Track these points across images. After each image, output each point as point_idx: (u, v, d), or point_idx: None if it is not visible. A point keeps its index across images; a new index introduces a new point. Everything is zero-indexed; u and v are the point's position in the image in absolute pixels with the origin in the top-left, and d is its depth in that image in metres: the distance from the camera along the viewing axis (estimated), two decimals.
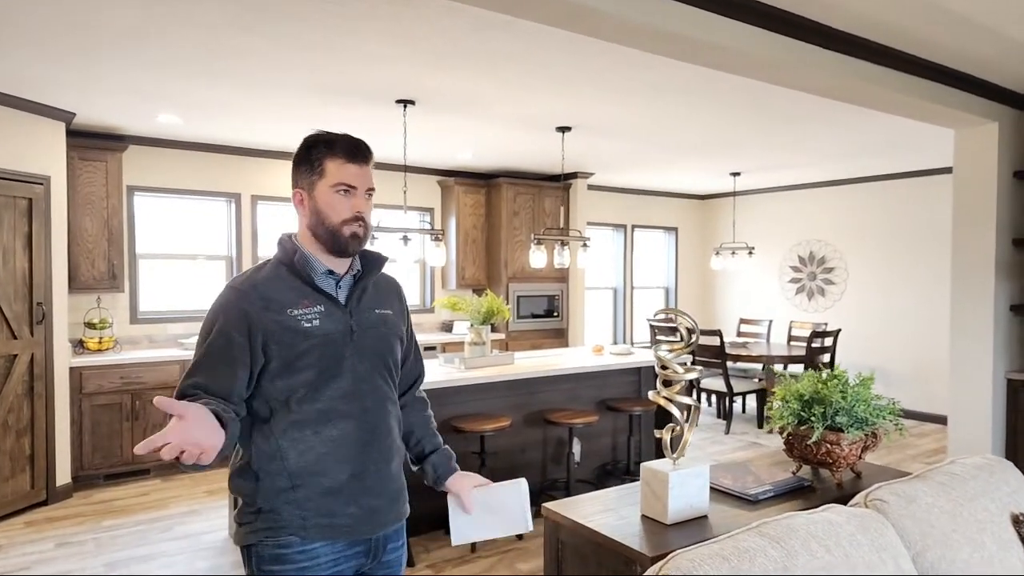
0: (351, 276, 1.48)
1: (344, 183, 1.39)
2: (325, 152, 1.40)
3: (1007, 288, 3.85)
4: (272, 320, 1.34)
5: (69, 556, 3.38)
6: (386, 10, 2.64)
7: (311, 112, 4.28)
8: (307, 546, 1.34)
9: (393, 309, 1.53)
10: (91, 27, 2.83)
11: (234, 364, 1.32)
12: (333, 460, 1.36)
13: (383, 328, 1.48)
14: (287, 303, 1.36)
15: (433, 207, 6.56)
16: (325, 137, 1.42)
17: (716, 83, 3.56)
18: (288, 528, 1.33)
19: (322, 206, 1.40)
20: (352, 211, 1.40)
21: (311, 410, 1.35)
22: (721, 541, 1.33)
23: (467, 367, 3.95)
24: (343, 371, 1.39)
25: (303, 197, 1.42)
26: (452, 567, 3.24)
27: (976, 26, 2.74)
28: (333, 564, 1.37)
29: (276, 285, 1.38)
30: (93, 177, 4.64)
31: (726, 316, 8.29)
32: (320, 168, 1.40)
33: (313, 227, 1.42)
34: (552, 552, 1.89)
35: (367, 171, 1.43)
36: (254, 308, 1.34)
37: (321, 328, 1.37)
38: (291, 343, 1.34)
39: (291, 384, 1.35)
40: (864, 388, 2.08)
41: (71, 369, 4.33)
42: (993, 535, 1.64)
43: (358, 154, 1.42)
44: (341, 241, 1.41)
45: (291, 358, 1.34)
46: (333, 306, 1.41)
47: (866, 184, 6.95)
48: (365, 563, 1.43)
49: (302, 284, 1.40)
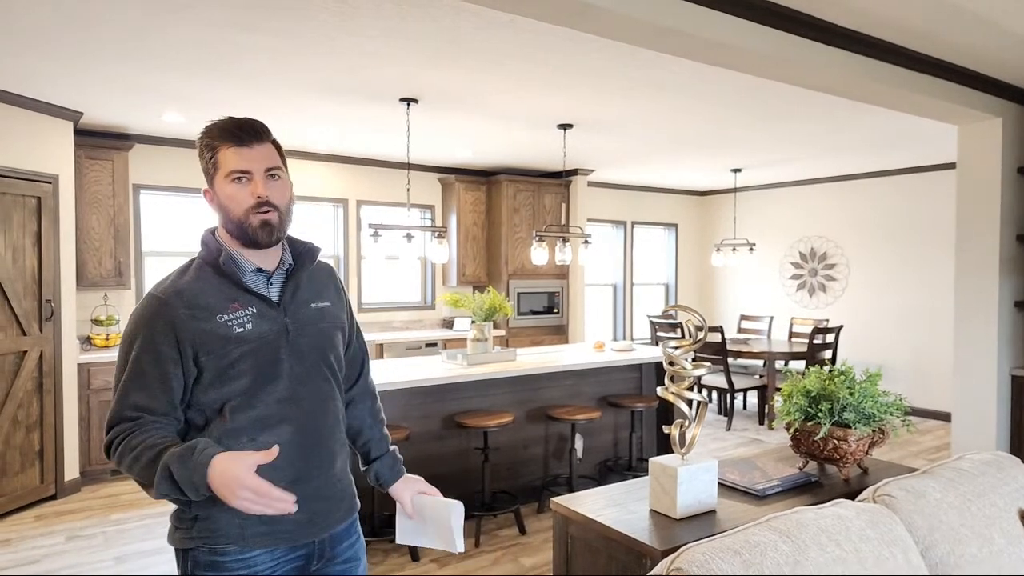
0: (283, 271, 1.39)
1: (236, 170, 1.30)
2: (212, 143, 1.32)
3: (1011, 284, 3.86)
4: (200, 329, 1.26)
5: (79, 550, 3.41)
6: (390, 9, 2.65)
7: (315, 110, 4.29)
8: (245, 554, 1.28)
9: (331, 300, 1.45)
10: (98, 27, 2.84)
11: (167, 380, 1.24)
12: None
13: (322, 323, 1.40)
14: (215, 309, 1.28)
15: (434, 204, 6.57)
16: (209, 129, 1.33)
17: (717, 79, 3.57)
18: (226, 536, 1.27)
19: (223, 200, 1.32)
20: (253, 197, 1.30)
21: (246, 417, 1.28)
22: (732, 535, 1.35)
23: (469, 363, 3.97)
24: (279, 374, 1.31)
25: (211, 195, 1.35)
26: (456, 561, 3.26)
27: (979, 21, 2.75)
28: (271, 570, 1.31)
29: (202, 289, 1.29)
30: (100, 176, 4.65)
31: (727, 312, 8.31)
32: (214, 160, 1.32)
33: (224, 223, 1.35)
34: (561, 546, 1.91)
35: (261, 151, 1.33)
36: (180, 317, 1.25)
37: (254, 332, 1.29)
38: (223, 352, 1.26)
39: (225, 393, 1.27)
40: (871, 384, 2.10)
41: (79, 365, 4.36)
42: (1002, 530, 1.66)
43: (244, 136, 1.32)
44: (250, 232, 1.31)
45: (224, 367, 1.26)
46: (265, 306, 1.33)
47: (868, 180, 6.96)
48: (309, 565, 1.38)
49: (230, 285, 1.31)
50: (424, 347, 5.87)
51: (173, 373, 1.25)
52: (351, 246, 6.05)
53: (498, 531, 3.64)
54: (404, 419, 3.61)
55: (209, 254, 1.34)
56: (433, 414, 3.74)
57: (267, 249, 1.36)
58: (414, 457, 3.64)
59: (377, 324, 6.17)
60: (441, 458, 3.77)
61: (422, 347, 5.86)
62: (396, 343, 5.74)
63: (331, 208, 6.01)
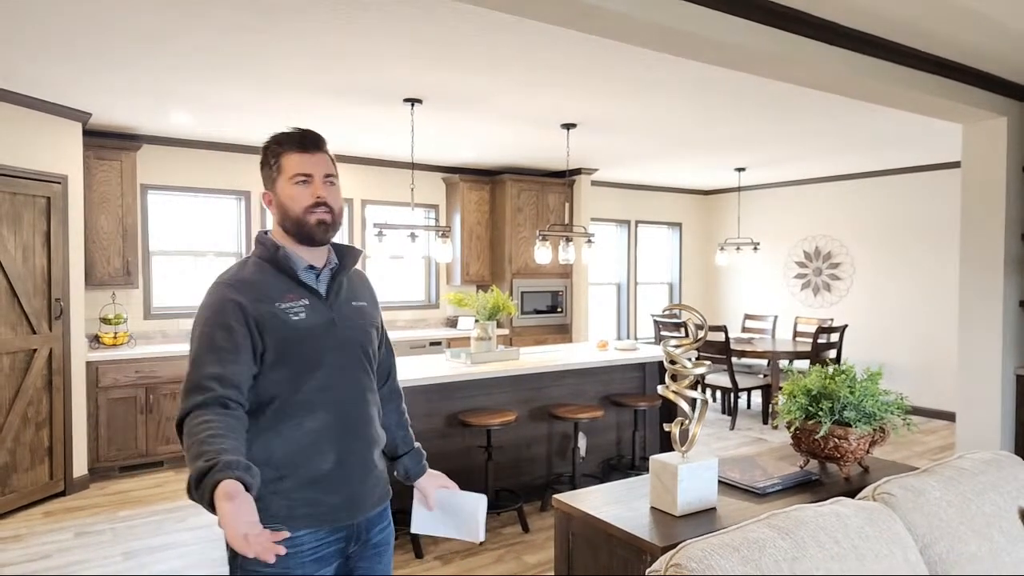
0: (329, 270, 1.52)
1: (300, 173, 1.45)
2: (278, 150, 1.47)
3: (1016, 283, 3.85)
4: (264, 311, 1.39)
5: (87, 546, 3.45)
6: (395, 11, 2.67)
7: (321, 111, 4.32)
8: (291, 533, 1.36)
9: (367, 301, 1.59)
10: (107, 30, 2.88)
11: (239, 352, 1.35)
12: (315, 451, 1.40)
13: (360, 320, 1.53)
14: (274, 297, 1.41)
15: (438, 204, 6.59)
16: (277, 137, 1.49)
17: (721, 79, 3.58)
18: (275, 517, 1.36)
19: (284, 199, 1.46)
20: (313, 198, 1.45)
21: (292, 402, 1.40)
22: (731, 532, 1.36)
23: (473, 362, 3.99)
24: (322, 364, 1.43)
25: (270, 197, 1.50)
26: (460, 559, 3.29)
27: (984, 20, 2.75)
28: (314, 551, 1.41)
29: (262, 280, 1.43)
30: (108, 176, 4.70)
31: (731, 312, 8.30)
32: (277, 165, 1.47)
33: (282, 222, 1.48)
34: (563, 542, 1.93)
35: (321, 158, 1.48)
36: (247, 300, 1.38)
37: (306, 322, 1.42)
38: (281, 335, 1.39)
39: (275, 378, 1.39)
40: (872, 383, 2.10)
41: (87, 363, 4.41)
42: (1001, 529, 1.66)
43: (308, 144, 1.47)
44: (308, 228, 1.45)
45: (281, 349, 1.39)
46: (316, 300, 1.46)
47: (872, 179, 6.94)
48: (348, 547, 1.48)
49: (286, 279, 1.45)
50: (428, 346, 5.90)
51: (243, 344, 1.36)
52: (356, 245, 6.09)
53: (501, 529, 3.67)
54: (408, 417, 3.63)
55: (266, 251, 1.48)
56: (437, 412, 3.76)
57: (317, 249, 1.50)
58: None
59: None
60: (445, 456, 3.79)
61: (426, 346, 5.89)
62: (400, 342, 5.77)
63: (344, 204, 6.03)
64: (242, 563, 1.37)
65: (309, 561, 1.40)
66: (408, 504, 1.68)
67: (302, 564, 1.39)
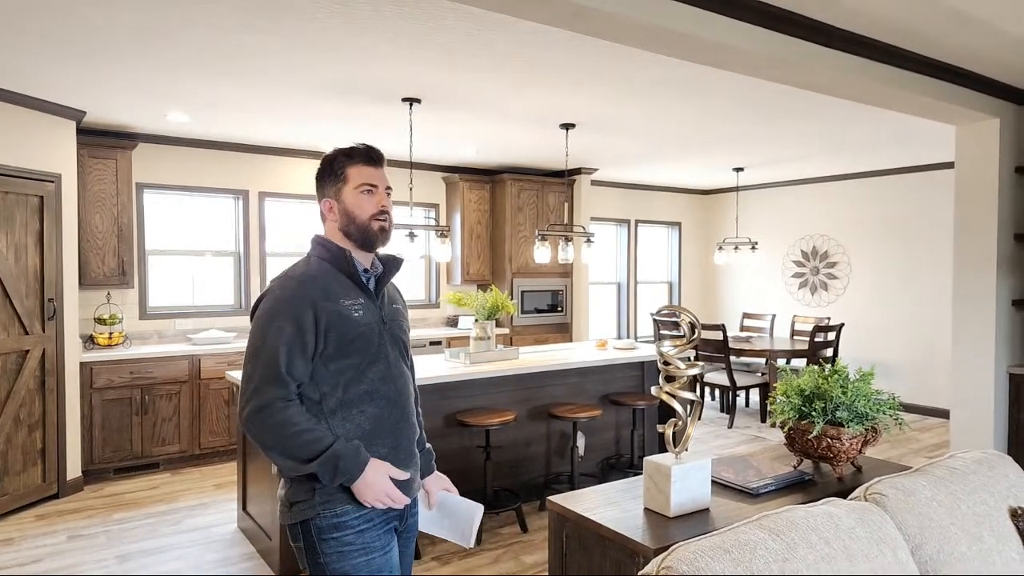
0: (374, 275, 1.67)
1: (367, 183, 1.60)
2: (346, 161, 1.61)
3: (1009, 283, 3.86)
4: (331, 308, 1.52)
5: (81, 549, 3.44)
6: (392, 10, 2.67)
7: (319, 110, 4.31)
8: (362, 510, 1.51)
9: (400, 304, 1.76)
10: (102, 27, 2.87)
11: (307, 348, 1.49)
12: (376, 435, 1.55)
13: (400, 320, 1.70)
14: (338, 294, 1.55)
15: (438, 203, 6.59)
16: (344, 151, 1.63)
17: (719, 80, 3.58)
18: (344, 499, 1.49)
19: (351, 207, 1.60)
20: (377, 206, 1.60)
21: (357, 391, 1.54)
22: (722, 533, 1.36)
23: (472, 362, 3.99)
24: (381, 356, 1.58)
25: (332, 204, 1.62)
26: (458, 559, 3.29)
27: (976, 22, 2.76)
28: (383, 524, 1.55)
29: (328, 279, 1.57)
30: (103, 175, 4.69)
31: (729, 310, 8.31)
32: (344, 175, 1.60)
33: (345, 227, 1.60)
34: (557, 544, 1.93)
35: (383, 173, 1.64)
36: (316, 297, 1.51)
37: (364, 318, 1.56)
38: (345, 330, 1.52)
39: (342, 367, 1.52)
40: (864, 383, 2.11)
41: (81, 364, 4.39)
42: (991, 529, 1.67)
43: (374, 158, 1.63)
44: (371, 234, 1.60)
45: (344, 343, 1.52)
46: (369, 300, 1.61)
47: (868, 179, 6.95)
48: (400, 523, 1.63)
49: (347, 279, 1.59)
50: (428, 345, 5.90)
51: (309, 341, 1.49)
52: None
53: (500, 529, 3.67)
54: None
55: (329, 253, 1.61)
56: (436, 412, 3.76)
57: (367, 254, 1.64)
58: None
59: None
60: (443, 456, 3.77)
61: (426, 345, 5.89)
62: None
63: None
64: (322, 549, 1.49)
65: (383, 532, 1.55)
66: None
67: (379, 536, 1.53)
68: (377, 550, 1.50)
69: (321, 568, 1.49)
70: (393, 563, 1.55)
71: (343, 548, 1.48)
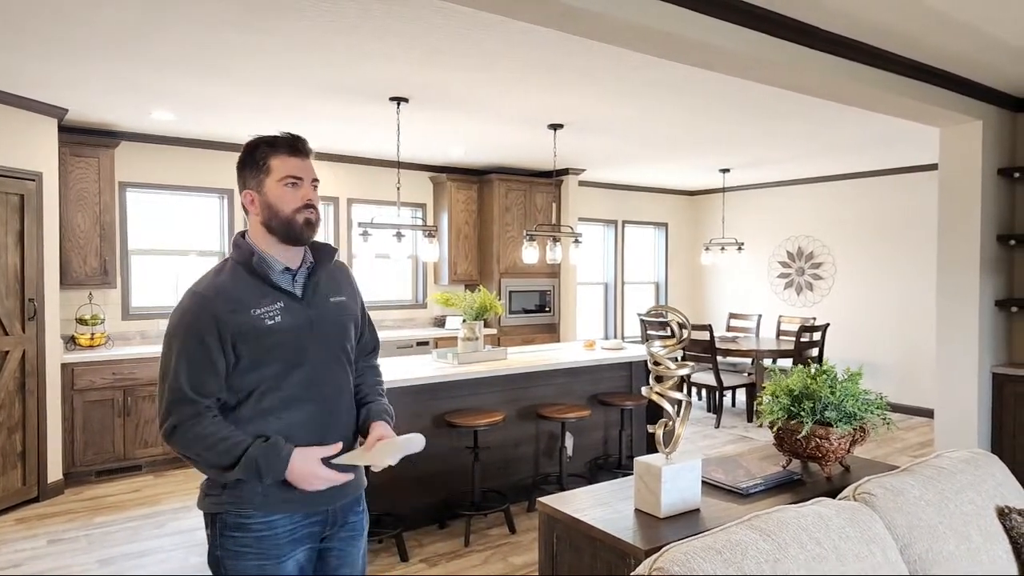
0: (305, 268, 1.58)
1: (291, 175, 1.50)
2: (269, 151, 1.51)
3: (992, 283, 3.91)
4: (238, 321, 1.44)
5: (61, 553, 3.38)
6: (380, 9, 2.65)
7: (305, 109, 4.27)
8: (267, 517, 1.47)
9: (346, 294, 1.65)
10: (85, 23, 2.82)
11: (214, 365, 1.43)
12: (296, 442, 1.47)
13: (339, 316, 1.61)
14: (249, 303, 1.46)
15: (425, 203, 6.56)
16: (266, 139, 1.53)
17: (706, 81, 3.59)
18: (251, 503, 1.46)
19: (273, 200, 1.50)
20: (302, 200, 1.51)
21: (275, 399, 1.48)
22: (714, 534, 1.36)
23: (460, 362, 3.97)
24: (304, 361, 1.50)
25: (253, 197, 1.52)
26: (446, 561, 3.27)
27: (958, 25, 2.79)
28: (290, 533, 1.50)
29: (238, 286, 1.48)
30: (85, 173, 4.61)
31: (716, 311, 8.36)
32: (266, 166, 1.50)
33: (267, 222, 1.51)
34: (547, 546, 1.92)
35: (309, 163, 1.55)
36: (220, 311, 1.44)
37: (283, 324, 1.48)
38: (257, 341, 1.45)
39: (258, 377, 1.47)
40: (852, 383, 2.12)
41: (63, 365, 4.32)
42: (979, 527, 1.68)
43: (299, 148, 1.53)
44: (296, 229, 1.51)
45: (258, 354, 1.46)
46: (292, 301, 1.52)
47: (853, 180, 7.02)
48: (323, 531, 1.56)
49: (261, 283, 1.50)
50: (415, 346, 5.87)
51: (218, 360, 1.43)
52: (341, 244, 6.04)
53: (488, 530, 3.65)
54: (394, 418, 3.60)
55: (241, 255, 1.52)
56: (423, 413, 3.74)
57: (294, 249, 1.55)
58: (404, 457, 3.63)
59: None
60: (431, 457, 3.76)
61: (413, 346, 5.86)
62: (387, 342, 5.73)
63: (322, 206, 5.98)
64: (221, 543, 1.47)
65: (285, 542, 1.49)
66: (396, 505, 1.68)
67: (277, 545, 1.48)
68: (272, 558, 1.47)
69: (217, 560, 1.49)
70: (287, 571, 1.49)
71: (239, 548, 1.46)
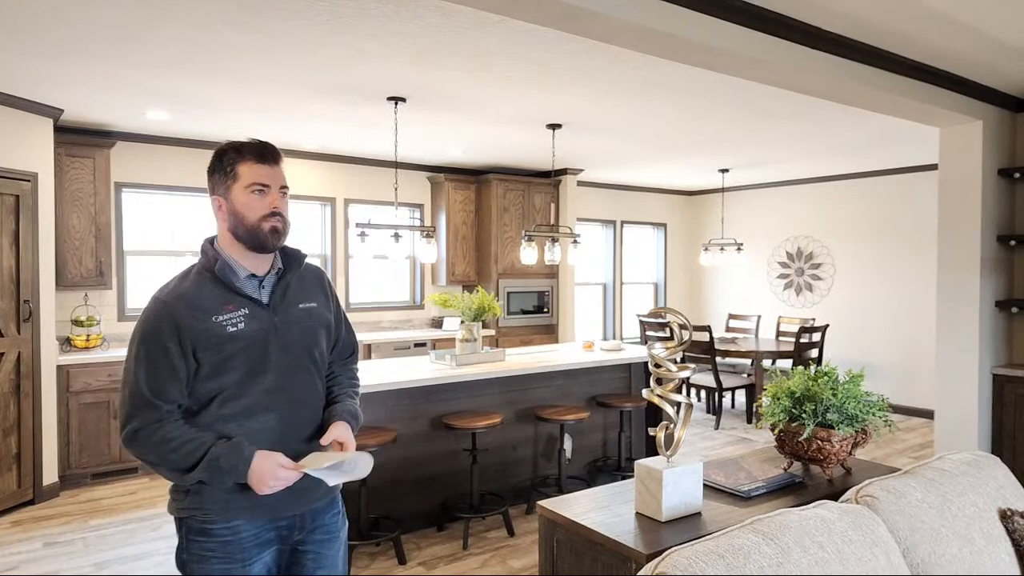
0: (274, 274, 1.58)
1: (257, 183, 1.50)
2: (236, 158, 1.51)
3: (992, 284, 3.90)
4: (199, 328, 1.44)
5: (57, 556, 3.35)
6: (378, 8, 2.63)
7: (302, 109, 4.25)
8: (229, 523, 1.47)
9: (318, 301, 1.64)
10: (81, 24, 2.79)
11: (175, 371, 1.43)
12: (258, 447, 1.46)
13: (308, 321, 1.59)
14: (212, 310, 1.46)
15: (423, 203, 6.54)
16: (234, 145, 1.53)
17: (705, 81, 3.58)
18: (213, 510, 1.46)
19: (239, 207, 1.50)
20: (268, 207, 1.51)
21: (237, 405, 1.47)
22: (716, 538, 1.35)
23: (458, 364, 3.95)
24: (268, 369, 1.50)
25: (221, 203, 1.52)
26: (444, 564, 3.25)
27: (958, 26, 2.78)
28: (255, 537, 1.50)
29: (200, 293, 1.48)
30: (81, 174, 4.58)
31: (715, 311, 8.35)
32: (233, 173, 1.51)
33: (233, 228, 1.51)
34: (547, 550, 1.90)
35: (278, 171, 1.54)
36: (182, 318, 1.44)
37: (246, 331, 1.48)
38: (218, 348, 1.45)
39: (219, 385, 1.46)
40: (854, 385, 2.10)
41: (58, 367, 4.29)
42: (981, 530, 1.67)
43: (267, 156, 1.52)
44: (261, 236, 1.50)
45: (218, 362, 1.45)
46: (257, 307, 1.51)
47: (853, 181, 7.01)
48: (291, 535, 1.56)
49: (225, 290, 1.49)
50: (413, 347, 5.85)
51: (179, 366, 1.43)
52: (339, 245, 6.01)
53: (486, 533, 3.63)
54: (392, 420, 3.58)
55: (206, 262, 1.52)
56: (421, 415, 3.72)
57: (262, 256, 1.55)
58: (401, 459, 3.62)
59: (365, 324, 6.13)
60: (429, 460, 3.75)
61: (411, 347, 5.84)
62: (384, 343, 5.71)
63: (319, 207, 5.96)
64: (187, 547, 1.48)
65: (250, 546, 1.49)
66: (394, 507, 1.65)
67: (243, 548, 1.48)
68: (237, 562, 1.47)
69: (183, 563, 1.50)
70: (254, 574, 1.50)
71: (204, 552, 1.47)
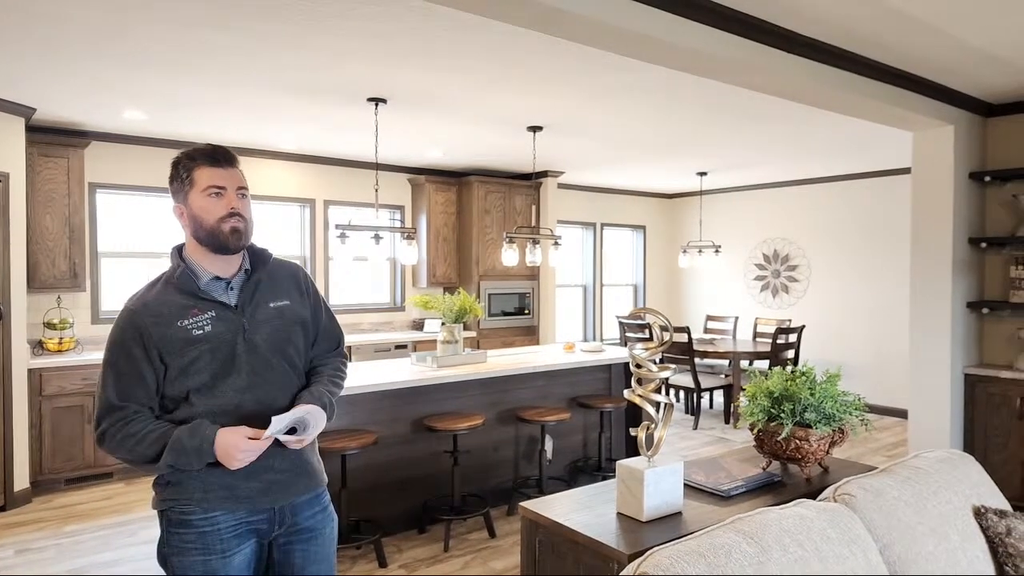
0: (242, 275, 1.62)
1: (213, 185, 1.54)
2: (190, 164, 1.55)
3: (964, 285, 3.99)
4: (163, 334, 1.50)
5: (30, 563, 3.27)
6: (358, 9, 2.62)
7: (282, 109, 4.21)
8: (208, 514, 1.51)
9: (291, 298, 1.67)
10: (54, 21, 2.73)
11: (142, 377, 1.49)
12: None
13: (279, 320, 1.62)
14: (176, 315, 1.51)
15: (403, 205, 6.51)
16: (187, 152, 1.57)
17: (683, 84, 3.62)
18: (191, 500, 1.50)
19: (197, 211, 1.54)
20: (226, 208, 1.54)
21: (207, 404, 1.51)
22: (697, 538, 1.36)
23: (439, 366, 3.94)
24: (238, 368, 1.54)
25: (182, 210, 1.57)
26: (425, 567, 3.24)
27: (929, 30, 2.84)
28: (233, 529, 1.53)
29: (165, 299, 1.53)
30: (54, 174, 4.49)
31: (693, 313, 8.43)
32: (189, 179, 1.55)
33: (195, 233, 1.56)
34: (529, 551, 1.90)
35: (234, 172, 1.58)
36: (146, 325, 1.49)
37: (212, 333, 1.52)
38: (182, 352, 1.50)
39: (187, 386, 1.51)
40: (831, 385, 2.14)
41: (30, 371, 4.19)
42: (956, 527, 1.70)
43: (220, 159, 1.56)
44: (221, 237, 1.54)
45: (185, 365, 1.50)
46: (223, 309, 1.56)
47: (828, 184, 7.14)
48: (271, 529, 1.58)
49: (189, 295, 1.54)
50: (394, 349, 5.81)
51: (146, 371, 1.49)
52: (318, 247, 5.96)
53: (467, 535, 3.62)
54: (372, 423, 3.56)
55: (171, 269, 1.58)
56: (402, 417, 3.70)
57: (227, 257, 1.58)
58: (382, 461, 3.59)
59: (346, 326, 6.08)
60: (410, 462, 3.73)
61: (391, 349, 5.80)
62: (365, 345, 5.67)
63: (298, 208, 5.91)
64: (168, 540, 1.52)
65: (229, 537, 1.52)
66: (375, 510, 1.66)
67: (222, 540, 1.51)
68: (216, 553, 1.51)
69: (164, 556, 1.54)
70: (233, 566, 1.53)
71: (184, 544, 1.51)
